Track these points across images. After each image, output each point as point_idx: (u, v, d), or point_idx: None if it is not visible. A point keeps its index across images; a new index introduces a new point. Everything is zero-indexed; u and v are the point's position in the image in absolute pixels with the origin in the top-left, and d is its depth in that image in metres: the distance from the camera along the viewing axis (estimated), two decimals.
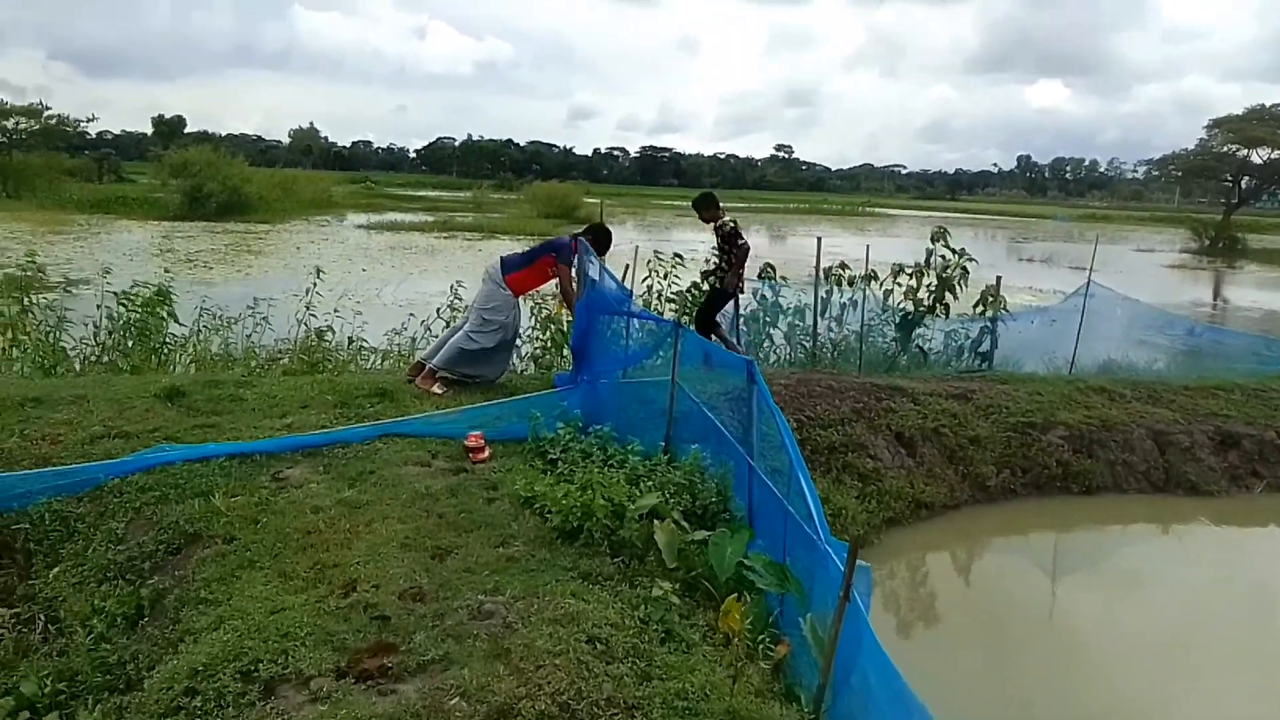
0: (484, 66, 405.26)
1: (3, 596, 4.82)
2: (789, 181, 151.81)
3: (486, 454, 5.57)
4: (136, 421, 6.08)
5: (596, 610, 3.74)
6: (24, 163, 47.02)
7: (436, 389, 6.98)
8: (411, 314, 10.82)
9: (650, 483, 5.08)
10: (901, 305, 9.79)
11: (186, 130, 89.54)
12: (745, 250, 8.43)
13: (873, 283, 9.81)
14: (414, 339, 10.45)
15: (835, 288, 9.83)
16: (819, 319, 9.71)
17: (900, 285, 9.83)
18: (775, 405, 4.88)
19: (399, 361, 9.85)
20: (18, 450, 5.57)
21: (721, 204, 8.82)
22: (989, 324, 9.68)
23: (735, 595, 3.79)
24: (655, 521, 4.41)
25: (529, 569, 4.15)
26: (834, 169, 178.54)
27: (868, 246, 10.06)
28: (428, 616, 3.67)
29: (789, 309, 10.12)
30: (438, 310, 10.55)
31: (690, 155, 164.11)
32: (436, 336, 10.48)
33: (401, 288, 19.90)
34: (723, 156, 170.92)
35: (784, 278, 10.75)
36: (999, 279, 9.85)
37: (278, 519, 4.72)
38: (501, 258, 7.44)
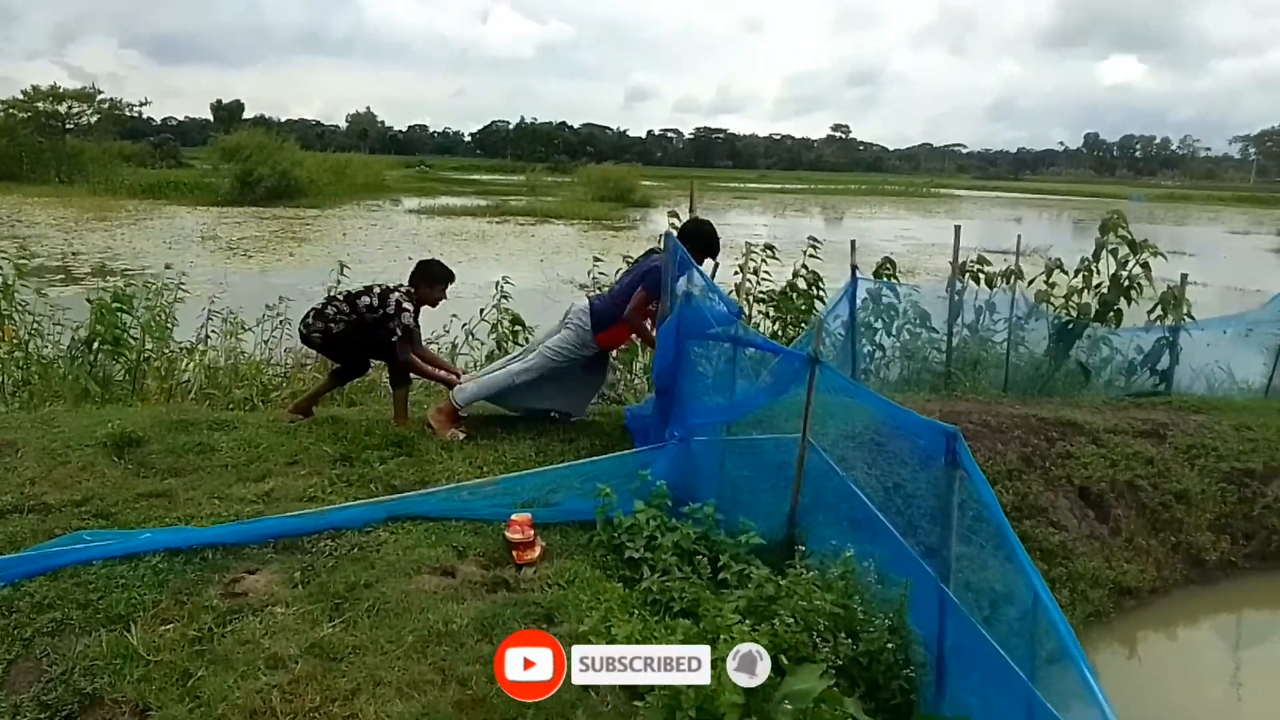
0: (545, 49, 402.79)
1: None
2: (846, 162, 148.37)
3: (538, 551, 3.82)
4: (65, 486, 4.46)
5: None
6: (78, 148, 46.57)
7: (454, 433, 5.32)
8: (453, 314, 9.11)
9: (789, 613, 3.29)
10: (1057, 310, 7.84)
11: (245, 116, 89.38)
12: None
13: (1015, 281, 7.84)
14: (454, 345, 8.79)
15: (972, 285, 7.88)
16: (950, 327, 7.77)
17: (1054, 285, 7.89)
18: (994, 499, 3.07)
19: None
20: None
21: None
22: (1168, 335, 7.67)
23: None
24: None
25: None
26: (892, 149, 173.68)
27: (1019, 237, 8.06)
28: None
29: (906, 312, 8.20)
30: (480, 312, 8.88)
31: (745, 136, 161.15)
32: (481, 343, 8.88)
33: None
34: (778, 137, 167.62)
35: (886, 271, 8.78)
36: (1184, 277, 7.80)
37: (216, 677, 3.03)
38: (593, 305, 5.59)
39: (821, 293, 8.20)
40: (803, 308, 8.11)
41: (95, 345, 7.09)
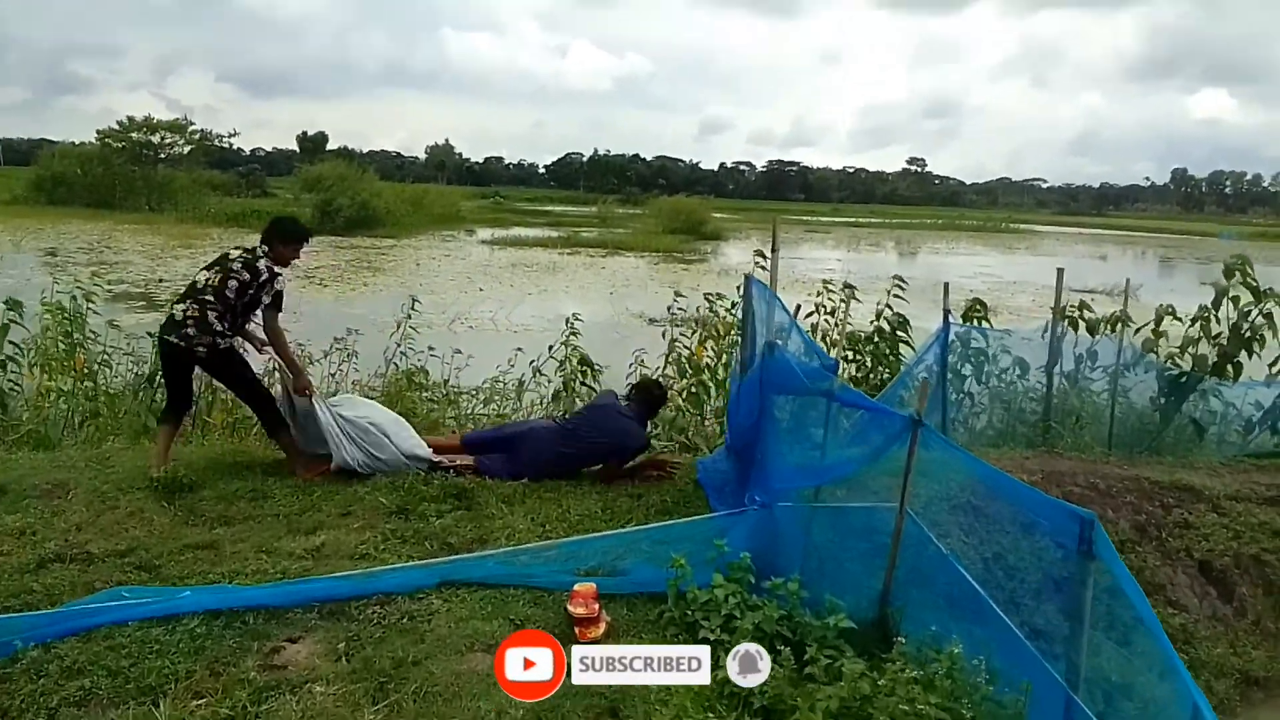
0: (622, 82, 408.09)
1: None
2: (921, 196, 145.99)
3: (603, 628, 3.46)
4: (110, 534, 4.27)
5: None
6: (168, 177, 48.25)
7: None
8: (519, 349, 8.86)
9: (887, 718, 2.87)
10: (1167, 360, 7.22)
11: (329, 147, 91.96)
12: None
13: (1123, 327, 7.24)
14: (521, 382, 8.52)
15: (1071, 331, 7.30)
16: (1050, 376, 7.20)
17: (1161, 332, 7.27)
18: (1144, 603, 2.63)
19: (497, 417, 7.95)
20: None
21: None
22: None
23: None
24: None
25: None
26: (969, 183, 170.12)
27: (1128, 280, 7.46)
28: None
29: (995, 357, 7.65)
30: (549, 348, 8.58)
31: (818, 169, 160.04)
32: (549, 380, 8.60)
33: (518, 310, 18.26)
34: (852, 170, 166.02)
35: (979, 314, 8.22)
36: None
37: None
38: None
39: (908, 337, 7.71)
40: (887, 352, 7.65)
41: (158, 380, 6.99)
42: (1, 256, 24.64)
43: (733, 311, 7.95)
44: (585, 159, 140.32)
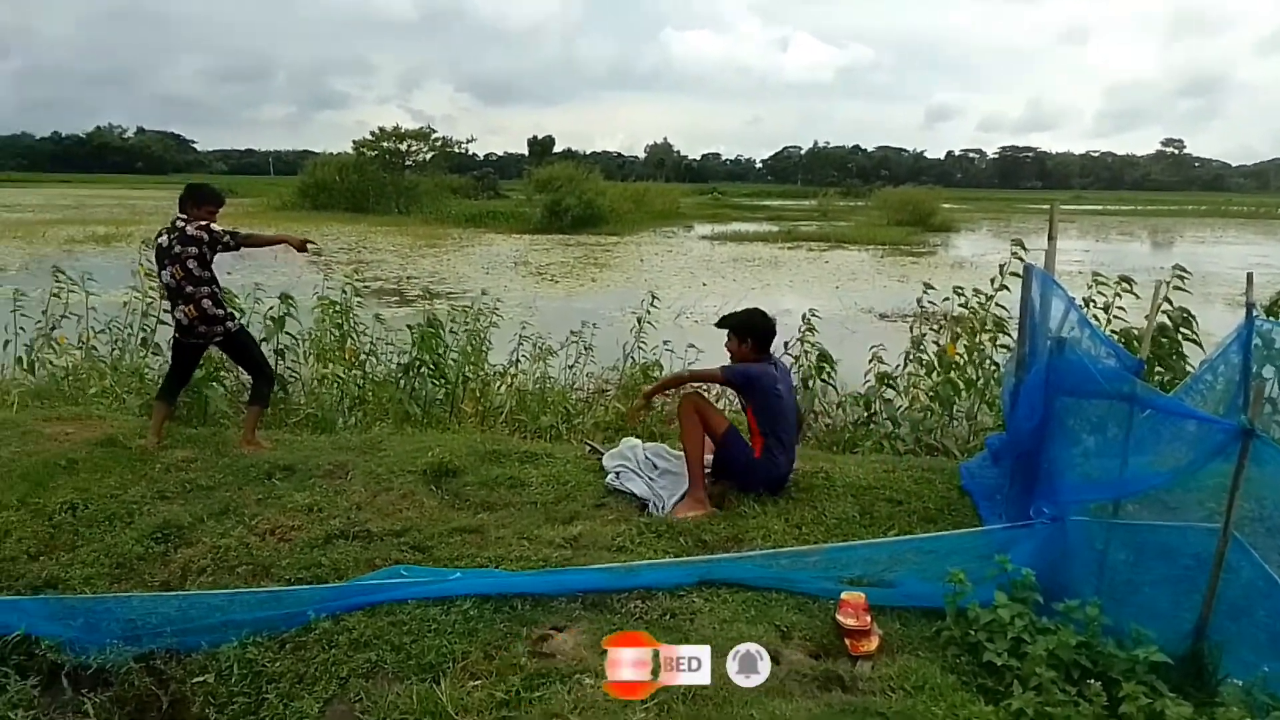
0: (843, 73, 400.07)
1: None
2: (1178, 181, 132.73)
3: (876, 642, 3.25)
4: (386, 514, 4.52)
5: None
6: (413, 182, 52.03)
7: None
8: None
9: None
10: None
11: (555, 150, 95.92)
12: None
13: None
14: None
15: None
16: None
17: None
18: None
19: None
20: (235, 550, 4.17)
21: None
22: None
23: None
24: None
25: None
26: (1234, 165, 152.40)
27: None
28: None
29: None
30: (785, 344, 8.33)
31: (1057, 155, 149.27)
32: None
33: (742, 305, 18.09)
34: (1096, 154, 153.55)
35: None
36: None
37: None
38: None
39: (1193, 335, 6.87)
40: (1170, 352, 6.84)
41: (416, 369, 7.42)
42: (275, 256, 27.43)
43: (988, 305, 7.43)
44: (803, 152, 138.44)
